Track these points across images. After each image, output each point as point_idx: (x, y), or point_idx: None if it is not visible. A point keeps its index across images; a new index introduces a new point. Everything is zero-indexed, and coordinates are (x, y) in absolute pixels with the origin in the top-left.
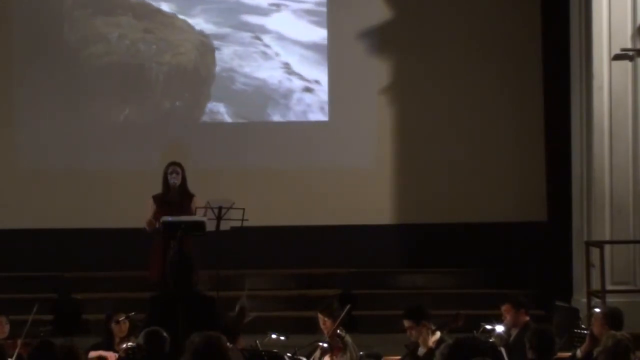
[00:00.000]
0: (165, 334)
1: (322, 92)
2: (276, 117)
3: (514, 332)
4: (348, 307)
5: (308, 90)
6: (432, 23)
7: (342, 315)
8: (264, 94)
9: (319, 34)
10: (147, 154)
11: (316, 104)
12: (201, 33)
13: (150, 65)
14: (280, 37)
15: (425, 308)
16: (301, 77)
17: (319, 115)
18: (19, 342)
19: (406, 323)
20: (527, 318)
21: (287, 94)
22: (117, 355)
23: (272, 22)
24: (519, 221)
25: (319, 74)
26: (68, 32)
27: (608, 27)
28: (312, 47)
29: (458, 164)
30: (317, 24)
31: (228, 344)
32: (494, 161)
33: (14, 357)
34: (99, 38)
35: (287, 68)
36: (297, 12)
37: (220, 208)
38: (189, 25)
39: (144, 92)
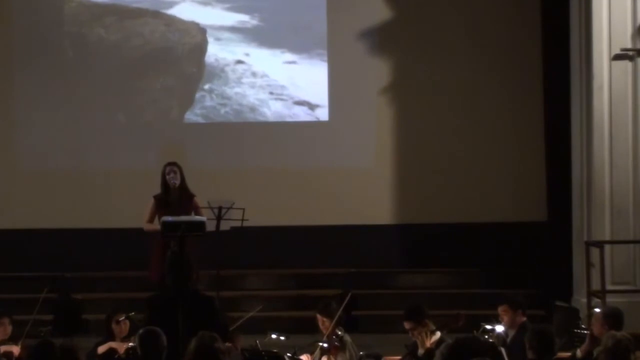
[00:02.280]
0: (161, 333)
1: (322, 92)
2: (276, 117)
3: (511, 333)
4: (349, 295)
5: (308, 90)
6: (432, 23)
7: (338, 312)
8: (264, 94)
9: (319, 34)
10: (146, 154)
11: (316, 104)
12: (201, 34)
13: (150, 66)
14: (280, 37)
15: (424, 308)
16: (301, 77)
17: (319, 115)
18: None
19: (407, 325)
20: (524, 319)
21: (287, 94)
22: (127, 344)
23: (272, 22)
24: (519, 221)
25: (319, 74)
26: (68, 32)
27: (608, 27)
28: (312, 46)
29: (458, 164)
30: (317, 23)
31: (227, 343)
32: (494, 161)
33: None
34: (99, 38)
35: (287, 68)
36: (297, 12)
37: (220, 208)
38: (190, 25)
39: (143, 92)
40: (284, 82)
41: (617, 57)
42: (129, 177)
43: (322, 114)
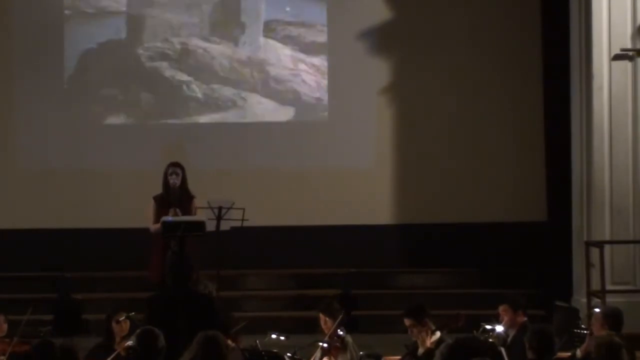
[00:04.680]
0: (160, 333)
1: (322, 92)
2: (276, 117)
3: (512, 333)
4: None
5: (308, 90)
6: (432, 23)
7: (340, 316)
8: (264, 94)
9: (319, 34)
10: (147, 154)
11: (316, 103)
12: (203, 34)
13: (150, 65)
14: (280, 37)
15: (425, 306)
16: (301, 77)
17: (319, 115)
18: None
19: (407, 322)
20: (525, 319)
21: (287, 94)
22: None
23: (272, 22)
24: (519, 221)
25: (319, 74)
26: (68, 32)
27: (608, 27)
28: (312, 46)
29: (458, 164)
30: (317, 23)
31: (229, 341)
32: (494, 161)
33: (6, 354)
34: (98, 38)
35: (287, 68)
36: (297, 12)
37: (220, 208)
38: (191, 26)
39: (143, 91)
40: (284, 82)
41: (617, 57)
42: (129, 177)
43: (322, 114)
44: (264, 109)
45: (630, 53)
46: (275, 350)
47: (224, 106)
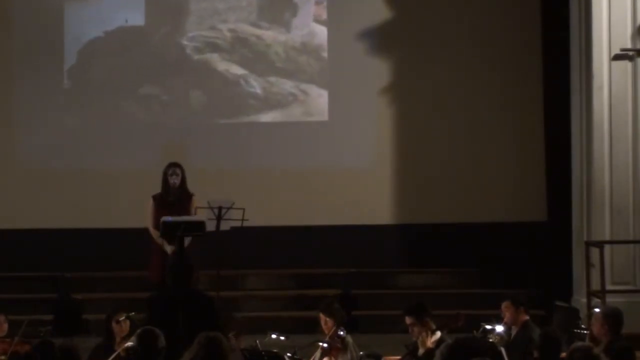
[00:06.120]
0: (160, 333)
1: (322, 92)
2: (276, 117)
3: (514, 331)
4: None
5: (308, 90)
6: (432, 23)
7: (341, 316)
8: (265, 94)
9: (319, 34)
10: (147, 154)
11: (316, 104)
12: (204, 36)
13: (150, 65)
14: (280, 37)
15: (425, 305)
16: (301, 77)
17: (319, 115)
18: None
19: (408, 320)
20: (527, 317)
21: (287, 94)
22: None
23: (273, 22)
24: (519, 221)
25: (319, 74)
26: (68, 32)
27: (608, 27)
28: (312, 46)
29: (458, 163)
30: (318, 23)
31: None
32: (493, 161)
33: (8, 354)
34: (98, 38)
35: (288, 68)
36: (297, 12)
37: (220, 208)
38: (192, 28)
39: (143, 91)
40: (284, 82)
41: (617, 57)
42: (129, 177)
43: (322, 114)
44: (264, 109)
45: (630, 53)
46: (275, 350)
47: (223, 106)
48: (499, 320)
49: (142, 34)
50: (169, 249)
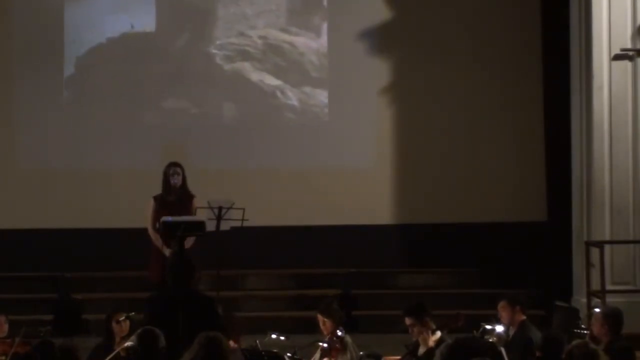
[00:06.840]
0: (160, 333)
1: (322, 92)
2: (276, 117)
3: (511, 332)
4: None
5: (308, 90)
6: (432, 23)
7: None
8: (265, 94)
9: (319, 34)
10: (147, 154)
11: (316, 103)
12: (201, 36)
13: (150, 65)
14: (280, 37)
15: (425, 305)
16: (301, 77)
17: (319, 115)
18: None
19: (407, 321)
20: (524, 317)
21: (287, 94)
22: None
23: (273, 22)
24: (519, 221)
25: (319, 74)
26: (68, 32)
27: (608, 27)
28: (312, 46)
29: (458, 163)
30: (318, 23)
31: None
32: (493, 161)
33: (8, 355)
34: (98, 38)
35: (288, 68)
36: (297, 12)
37: (220, 208)
38: (190, 27)
39: (143, 91)
40: (284, 82)
41: (617, 57)
42: (129, 177)
43: (322, 114)
44: (264, 109)
45: (630, 53)
46: (275, 350)
47: (223, 106)
48: (499, 321)
49: (151, 39)
50: (167, 252)
